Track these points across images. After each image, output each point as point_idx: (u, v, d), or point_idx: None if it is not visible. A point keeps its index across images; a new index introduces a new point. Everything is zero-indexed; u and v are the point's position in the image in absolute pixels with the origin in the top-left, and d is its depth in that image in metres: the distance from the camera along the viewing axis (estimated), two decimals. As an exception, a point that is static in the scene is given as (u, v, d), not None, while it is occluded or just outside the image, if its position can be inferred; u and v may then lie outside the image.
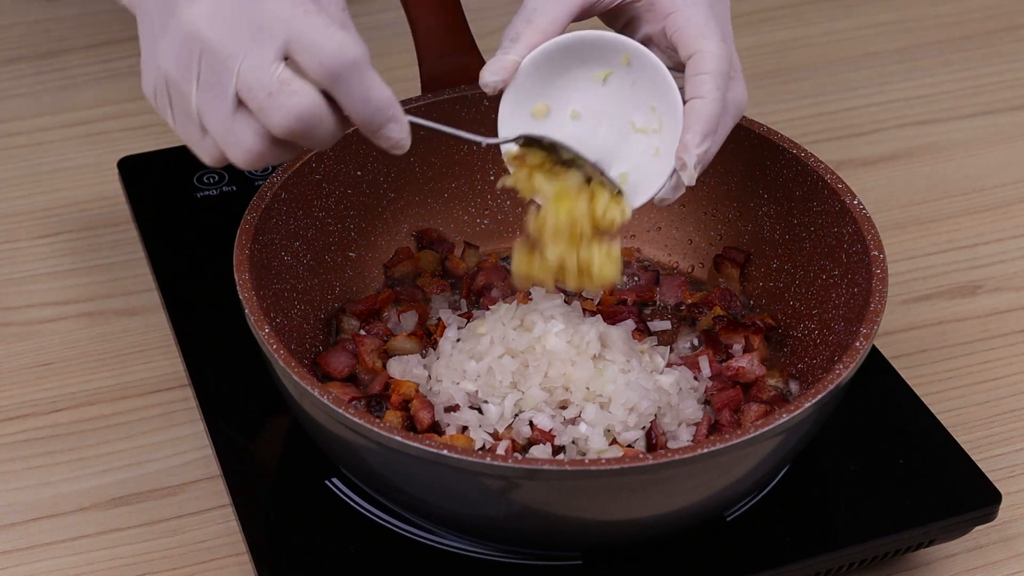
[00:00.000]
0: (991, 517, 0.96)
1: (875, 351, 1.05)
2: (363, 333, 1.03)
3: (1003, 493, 0.96)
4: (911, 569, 0.99)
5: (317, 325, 1.04)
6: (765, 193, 1.07)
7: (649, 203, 0.93)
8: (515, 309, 0.98)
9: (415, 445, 0.84)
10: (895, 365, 1.06)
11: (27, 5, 1.49)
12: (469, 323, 1.02)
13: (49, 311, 1.16)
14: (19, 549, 0.99)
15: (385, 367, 1.01)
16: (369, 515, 0.95)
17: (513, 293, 1.04)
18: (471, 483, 0.86)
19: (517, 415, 0.96)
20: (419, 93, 1.08)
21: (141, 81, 0.86)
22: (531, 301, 0.99)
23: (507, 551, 0.92)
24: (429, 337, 1.03)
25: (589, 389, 0.96)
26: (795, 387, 1.01)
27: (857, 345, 0.91)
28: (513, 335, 0.97)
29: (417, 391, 0.98)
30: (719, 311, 1.06)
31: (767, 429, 0.85)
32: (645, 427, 0.96)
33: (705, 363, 1.01)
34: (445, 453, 0.84)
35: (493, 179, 1.11)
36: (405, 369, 1.00)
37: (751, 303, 1.08)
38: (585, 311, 1.01)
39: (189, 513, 1.01)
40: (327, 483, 0.96)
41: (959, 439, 1.01)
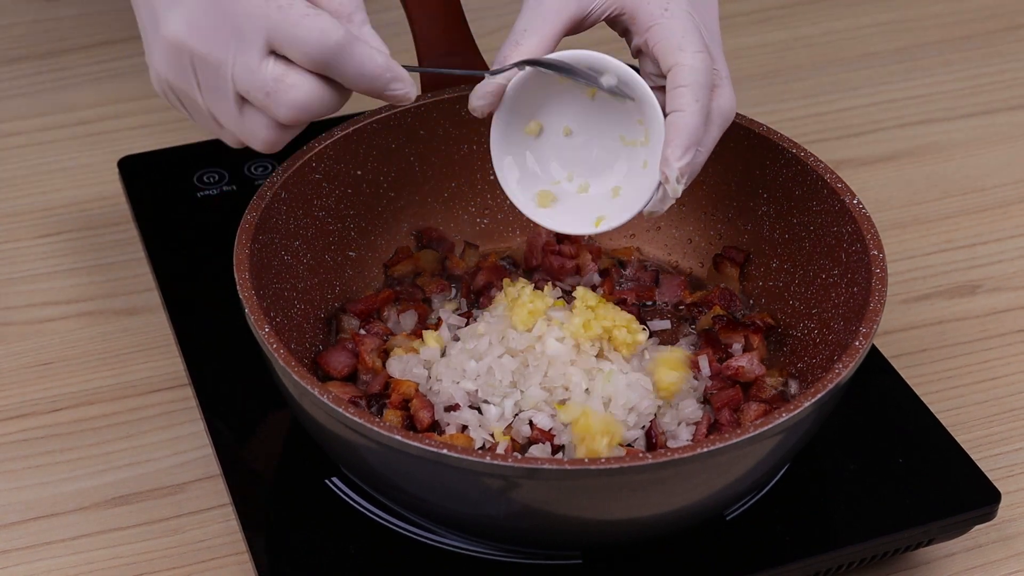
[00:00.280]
0: (990, 516, 0.96)
1: (874, 350, 1.05)
2: (363, 333, 1.03)
3: (1002, 492, 0.96)
4: (911, 568, 0.99)
5: (317, 324, 1.04)
6: (765, 193, 1.07)
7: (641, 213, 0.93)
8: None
9: (415, 444, 0.84)
10: (895, 364, 1.06)
11: (27, 5, 1.49)
12: (469, 323, 1.02)
13: (49, 311, 1.16)
14: (19, 548, 0.99)
15: (385, 366, 1.01)
16: (369, 515, 0.95)
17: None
18: (471, 482, 0.86)
19: (517, 415, 0.96)
20: (419, 93, 1.08)
21: (150, 78, 0.88)
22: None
23: (507, 550, 0.92)
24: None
25: (588, 390, 0.96)
26: (795, 386, 1.01)
27: (857, 344, 0.91)
28: (513, 335, 0.97)
29: (417, 391, 0.98)
30: (719, 311, 1.06)
31: (767, 428, 0.85)
32: (645, 427, 0.96)
33: (705, 363, 1.01)
34: (445, 452, 0.84)
35: (493, 179, 1.11)
36: (405, 368, 1.00)
37: (751, 302, 1.08)
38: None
39: (189, 512, 1.01)
40: (327, 483, 0.96)
41: (958, 438, 1.01)
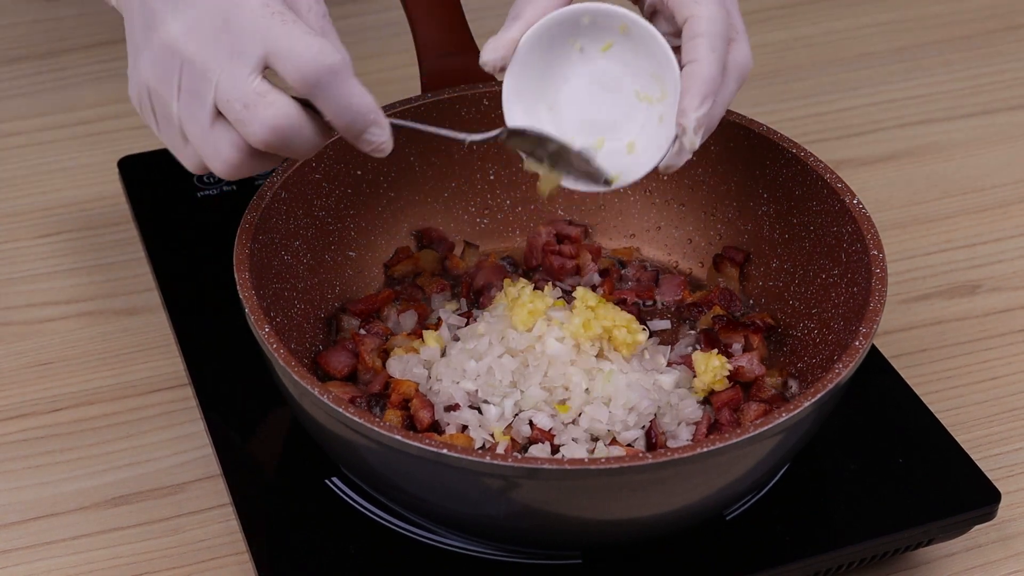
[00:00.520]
0: (990, 516, 0.96)
1: (874, 350, 1.05)
2: (363, 332, 1.03)
3: (1002, 492, 0.96)
4: (910, 568, 0.99)
5: (317, 324, 1.04)
6: (765, 192, 1.07)
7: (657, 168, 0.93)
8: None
9: (415, 444, 0.84)
10: (894, 364, 1.06)
11: (27, 5, 1.49)
12: (469, 323, 1.02)
13: (49, 311, 1.16)
14: (19, 548, 0.99)
15: (385, 367, 1.01)
16: (369, 514, 0.95)
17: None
18: (471, 482, 0.86)
19: (517, 415, 0.96)
20: (419, 93, 1.08)
21: (128, 88, 0.87)
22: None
23: (507, 550, 0.92)
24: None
25: (588, 390, 0.96)
26: (795, 386, 1.01)
27: (856, 344, 0.91)
28: (513, 335, 0.97)
29: (417, 390, 0.98)
30: (719, 310, 1.06)
31: (767, 428, 0.85)
32: (645, 427, 0.96)
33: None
34: (445, 452, 0.84)
35: (493, 179, 1.11)
36: (405, 368, 1.00)
37: (751, 302, 1.08)
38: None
39: (189, 512, 1.01)
40: (327, 482, 0.96)
41: (958, 438, 1.01)
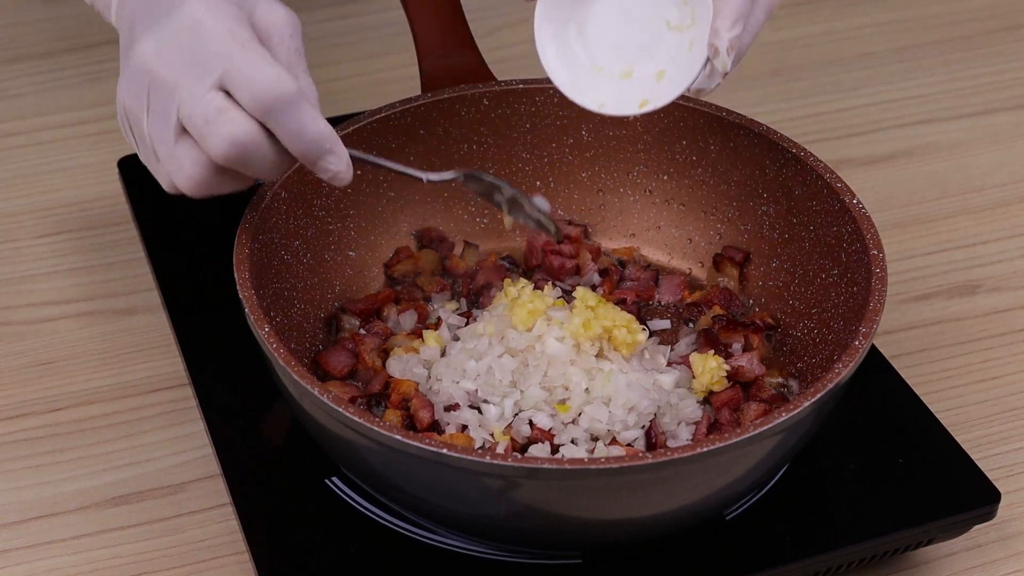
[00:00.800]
0: (990, 516, 0.96)
1: (874, 350, 1.05)
2: (363, 332, 1.03)
3: (1002, 492, 0.96)
4: (910, 568, 0.99)
5: (317, 324, 1.04)
6: (765, 192, 1.07)
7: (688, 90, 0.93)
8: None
9: (415, 444, 0.84)
10: (894, 364, 1.06)
11: (27, 5, 1.49)
12: (469, 323, 1.02)
13: (49, 311, 1.16)
14: (19, 548, 0.99)
15: (385, 366, 1.01)
16: (369, 514, 0.95)
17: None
18: (471, 482, 0.86)
19: (517, 414, 0.96)
20: (419, 93, 1.08)
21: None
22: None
23: (507, 550, 0.92)
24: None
25: (588, 389, 0.96)
26: (794, 386, 1.01)
27: (856, 344, 0.91)
28: (513, 334, 0.97)
29: (417, 390, 0.98)
30: (718, 310, 1.06)
31: (767, 428, 0.85)
32: (645, 426, 0.96)
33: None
34: (445, 452, 0.84)
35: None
36: (405, 368, 1.00)
37: (750, 302, 1.08)
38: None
39: (189, 512, 1.01)
40: (327, 482, 0.96)
41: (958, 438, 1.01)
